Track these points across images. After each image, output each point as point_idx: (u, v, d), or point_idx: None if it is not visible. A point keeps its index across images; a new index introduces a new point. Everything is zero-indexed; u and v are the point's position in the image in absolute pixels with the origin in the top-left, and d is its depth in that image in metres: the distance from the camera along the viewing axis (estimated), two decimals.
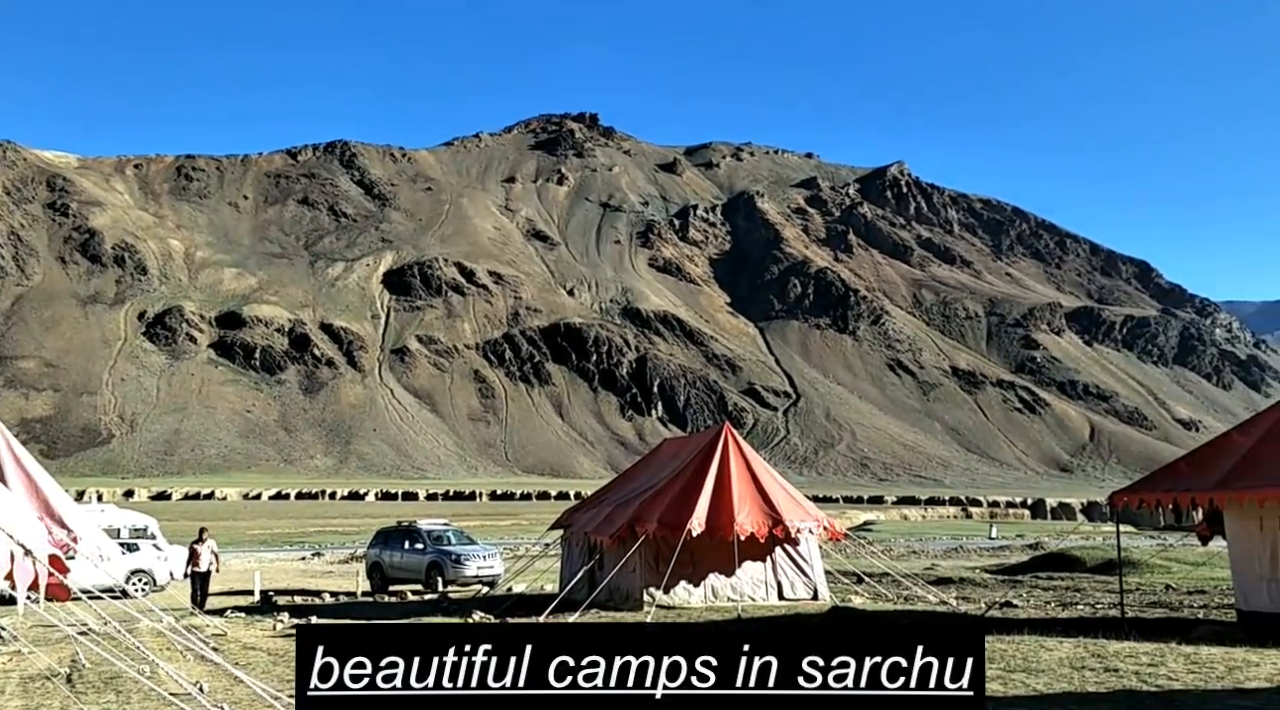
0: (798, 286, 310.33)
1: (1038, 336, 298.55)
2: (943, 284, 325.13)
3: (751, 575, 22.36)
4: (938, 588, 25.68)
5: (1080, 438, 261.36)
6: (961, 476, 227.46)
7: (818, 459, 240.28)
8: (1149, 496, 17.92)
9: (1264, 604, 16.88)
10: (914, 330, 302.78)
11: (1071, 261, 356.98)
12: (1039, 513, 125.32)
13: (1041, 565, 33.21)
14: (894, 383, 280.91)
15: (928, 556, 41.68)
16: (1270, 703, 10.19)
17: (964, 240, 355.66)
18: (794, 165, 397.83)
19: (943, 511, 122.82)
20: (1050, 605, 21.58)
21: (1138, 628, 16.46)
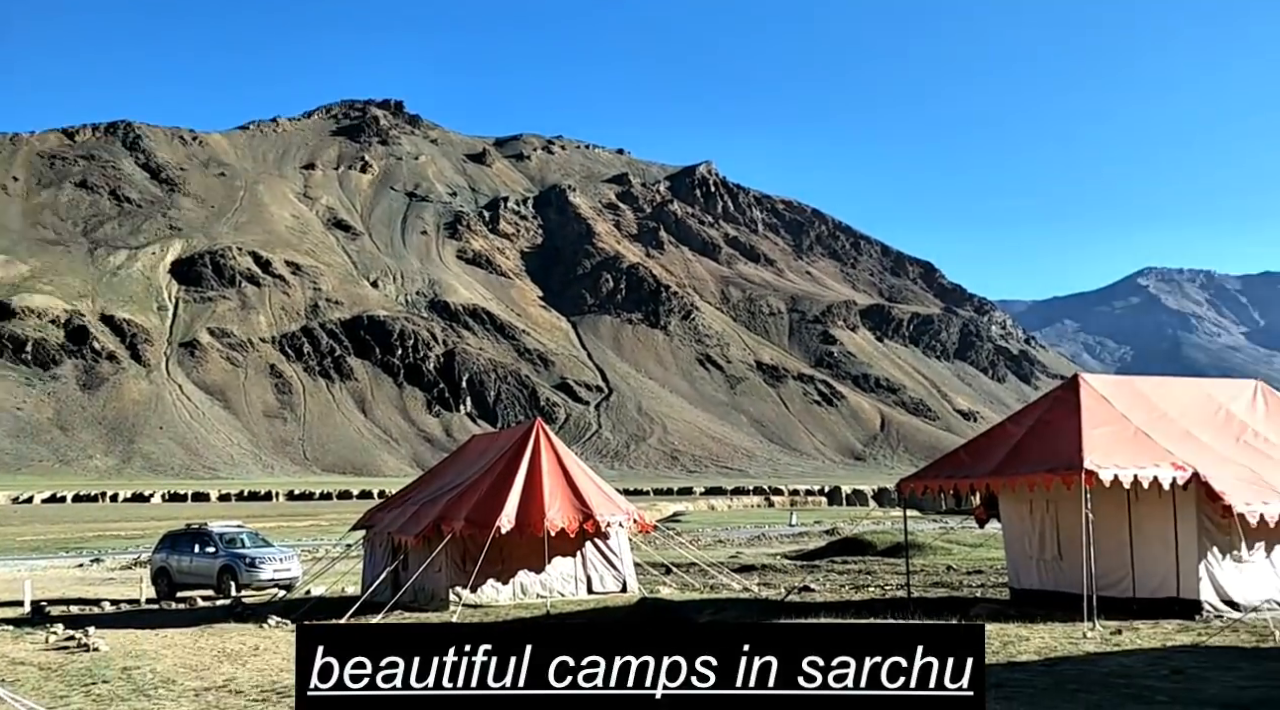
0: (610, 281, 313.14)
1: (835, 332, 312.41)
2: (749, 281, 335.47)
3: (561, 571, 22.38)
4: (742, 575, 26.43)
5: (872, 428, 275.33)
6: (765, 467, 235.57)
7: (629, 452, 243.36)
8: (932, 483, 19.03)
9: (1034, 582, 18.24)
10: (722, 326, 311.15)
11: (865, 262, 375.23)
12: (835, 500, 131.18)
13: (837, 550, 34.70)
14: (703, 377, 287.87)
15: (733, 545, 42.92)
16: (1038, 674, 10.99)
17: (768, 239, 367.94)
18: (605, 161, 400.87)
19: (748, 501, 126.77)
20: (845, 588, 22.59)
21: (922, 607, 17.46)
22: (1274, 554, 15.92)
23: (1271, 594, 15.71)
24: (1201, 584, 15.44)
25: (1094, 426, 16.36)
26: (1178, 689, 9.96)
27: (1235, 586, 15.60)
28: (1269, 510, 15.03)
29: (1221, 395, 18.71)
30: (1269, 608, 15.50)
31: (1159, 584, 15.96)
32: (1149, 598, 15.94)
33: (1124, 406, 17.39)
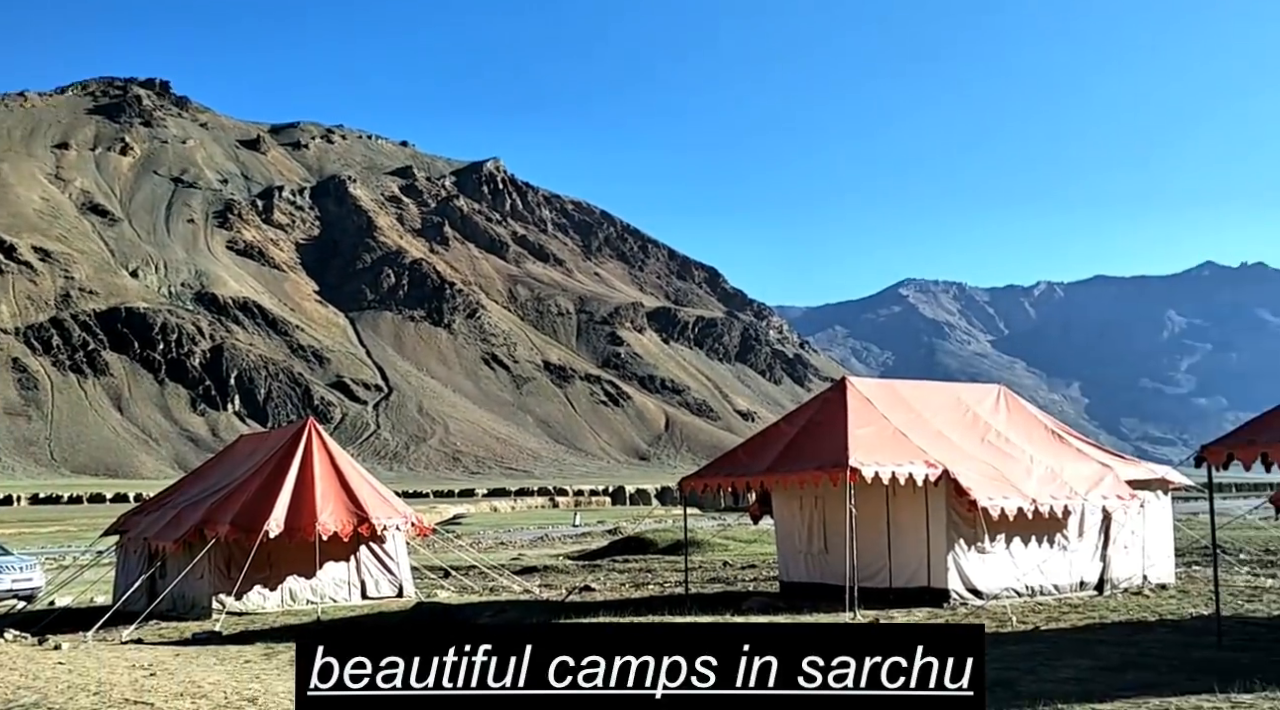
0: (392, 277, 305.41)
1: (622, 334, 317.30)
2: (537, 281, 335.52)
3: (334, 576, 21.65)
4: (523, 577, 26.30)
5: (657, 428, 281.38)
6: (550, 467, 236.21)
7: (409, 454, 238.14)
8: (711, 481, 19.60)
9: (802, 575, 19.08)
10: (509, 325, 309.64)
11: (652, 265, 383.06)
12: (619, 499, 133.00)
13: (619, 549, 35.07)
14: (488, 376, 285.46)
15: (515, 547, 42.67)
16: None
17: (557, 239, 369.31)
18: (389, 152, 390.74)
19: (532, 502, 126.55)
20: (625, 586, 22.87)
21: (699, 602, 17.90)
22: (1013, 545, 17.28)
23: (1009, 582, 17.07)
24: (949, 574, 16.58)
25: (859, 426, 17.29)
26: None
27: (978, 576, 16.85)
28: (1009, 504, 16.31)
29: (969, 398, 20.18)
30: (1007, 595, 16.86)
31: (913, 574, 17.03)
32: (904, 587, 16.97)
33: (885, 408, 18.46)
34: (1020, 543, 17.34)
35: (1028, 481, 17.20)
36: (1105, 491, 17.90)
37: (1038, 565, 17.45)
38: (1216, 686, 9.18)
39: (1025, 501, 16.53)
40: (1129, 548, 18.87)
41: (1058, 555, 17.78)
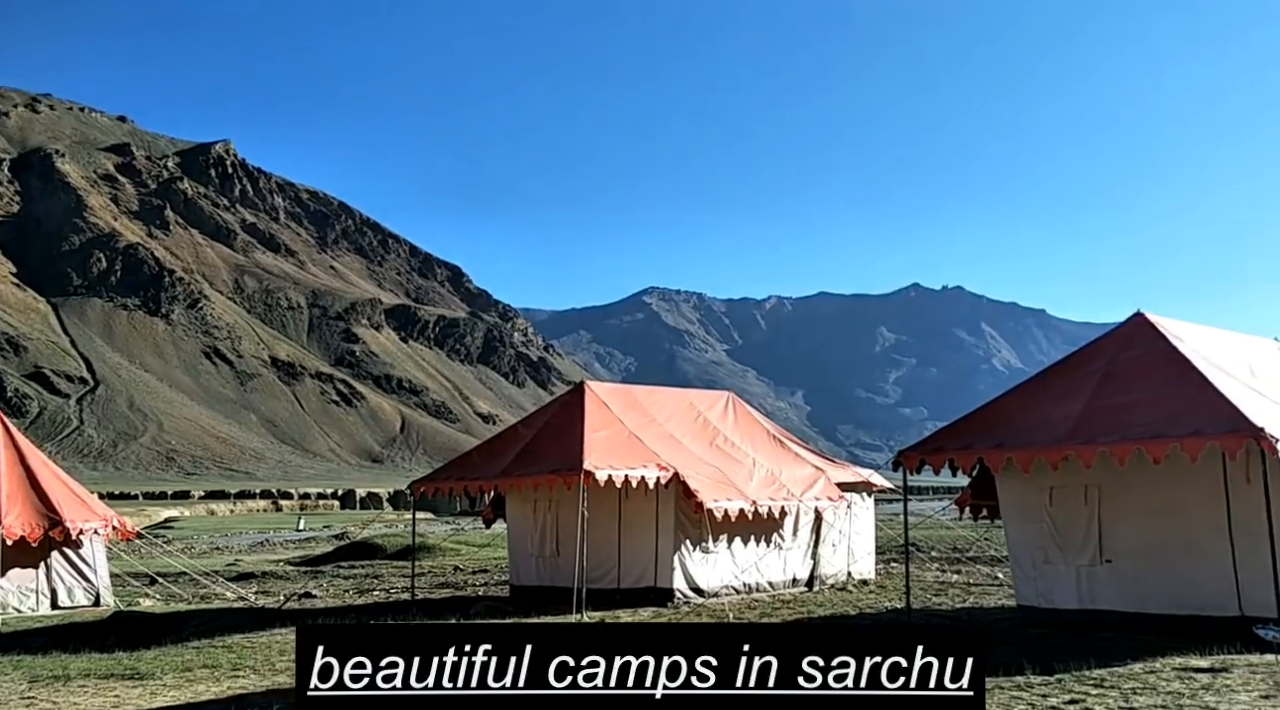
0: (103, 261, 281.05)
1: (358, 331, 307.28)
2: (267, 272, 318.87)
3: (20, 583, 19.81)
4: (239, 583, 24.90)
5: (392, 430, 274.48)
6: (275, 469, 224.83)
7: (117, 452, 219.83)
8: (444, 484, 19.30)
9: (533, 578, 19.14)
10: (234, 317, 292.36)
11: (393, 260, 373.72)
12: (349, 503, 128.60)
13: (346, 554, 33.95)
14: (209, 371, 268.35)
15: (232, 552, 40.27)
16: None
17: (290, 229, 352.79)
18: (104, 127, 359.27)
19: (253, 505, 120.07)
20: (349, 593, 22.12)
21: (426, 608, 17.59)
22: (734, 545, 18.13)
23: (729, 580, 17.89)
24: (674, 573, 17.17)
25: (594, 430, 17.60)
26: None
27: (701, 575, 17.54)
28: (731, 506, 17.09)
29: (701, 404, 21.03)
30: (726, 593, 17.66)
31: (640, 575, 17.50)
32: (632, 588, 17.42)
33: (621, 412, 18.90)
34: (740, 542, 18.23)
35: (750, 484, 18.10)
36: (818, 493, 19.14)
37: (755, 563, 18.40)
38: None
39: (747, 503, 17.37)
40: (836, 546, 20.28)
41: (774, 554, 18.84)
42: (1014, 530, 14.60)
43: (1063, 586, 13.80)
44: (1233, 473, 12.30)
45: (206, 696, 10.11)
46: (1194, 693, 9.01)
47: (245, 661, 11.93)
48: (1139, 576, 13.13)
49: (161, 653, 12.85)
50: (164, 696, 10.15)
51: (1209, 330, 14.83)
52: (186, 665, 11.78)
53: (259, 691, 10.30)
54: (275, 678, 10.98)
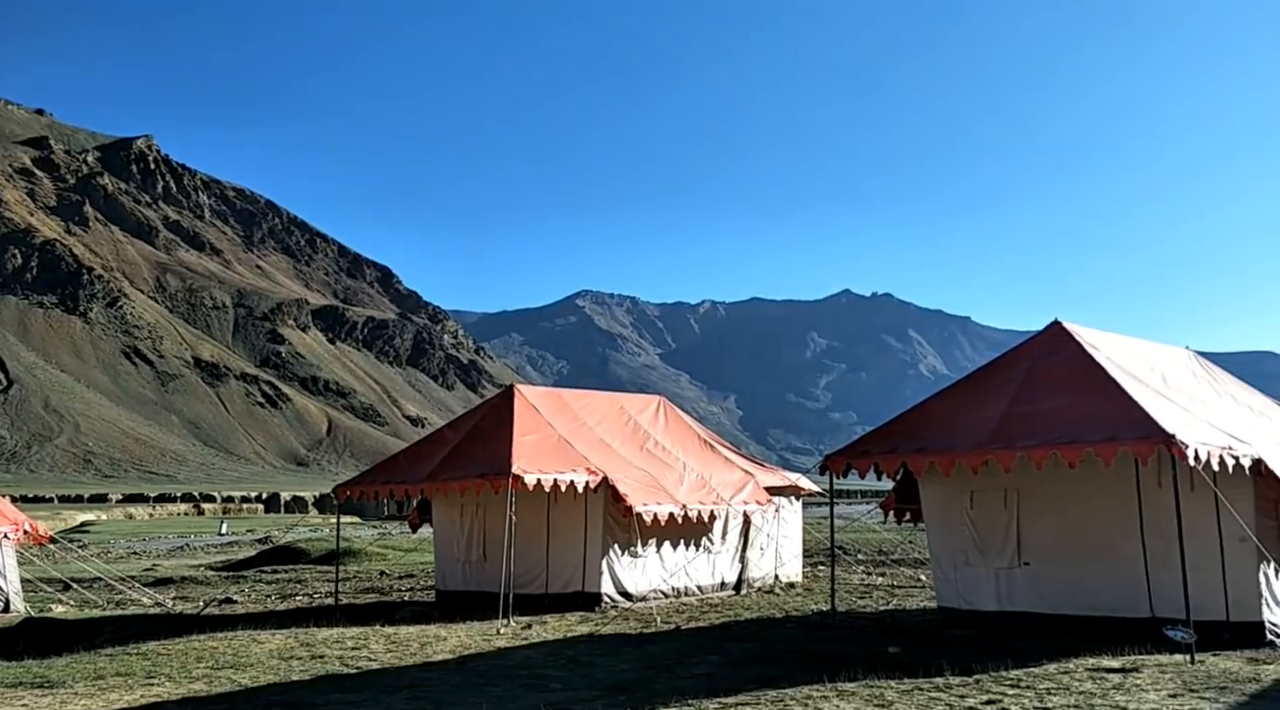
0: (18, 257, 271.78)
1: (284, 331, 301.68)
2: (190, 270, 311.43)
3: None
4: (157, 589, 24.26)
5: (318, 432, 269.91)
6: (197, 472, 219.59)
7: (31, 454, 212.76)
8: (369, 488, 19.02)
9: (459, 583, 18.96)
10: (155, 317, 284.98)
11: (320, 260, 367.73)
12: (274, 507, 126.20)
13: (269, 559, 33.37)
14: (129, 372, 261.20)
15: (150, 557, 39.23)
16: (451, 671, 11.36)
17: (215, 227, 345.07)
18: (21, 120, 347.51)
19: (174, 508, 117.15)
20: (271, 598, 21.70)
21: (350, 613, 17.31)
22: (663, 549, 18.16)
23: (658, 584, 17.92)
24: (602, 578, 17.14)
25: (524, 434, 17.49)
26: (570, 675, 10.87)
27: (629, 579, 17.54)
28: (661, 510, 17.11)
29: (631, 408, 21.03)
30: (654, 597, 17.69)
31: (569, 579, 17.44)
32: (559, 593, 17.34)
33: (550, 416, 18.81)
34: (669, 546, 18.28)
35: (680, 488, 18.15)
36: (747, 497, 19.27)
37: (684, 567, 18.45)
38: (826, 677, 10.08)
39: (676, 507, 17.42)
40: (765, 550, 20.45)
41: (703, 557, 18.92)
42: (935, 533, 14.86)
43: (982, 588, 14.08)
44: (1145, 478, 12.67)
45: (119, 705, 9.83)
46: (1105, 692, 9.25)
47: (160, 669, 11.62)
48: (1055, 578, 13.45)
49: (73, 660, 12.46)
50: (75, 705, 9.85)
51: (1123, 339, 15.25)
52: (99, 673, 11.44)
53: (173, 700, 10.05)
54: (191, 685, 10.73)
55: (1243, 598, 12.08)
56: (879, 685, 9.72)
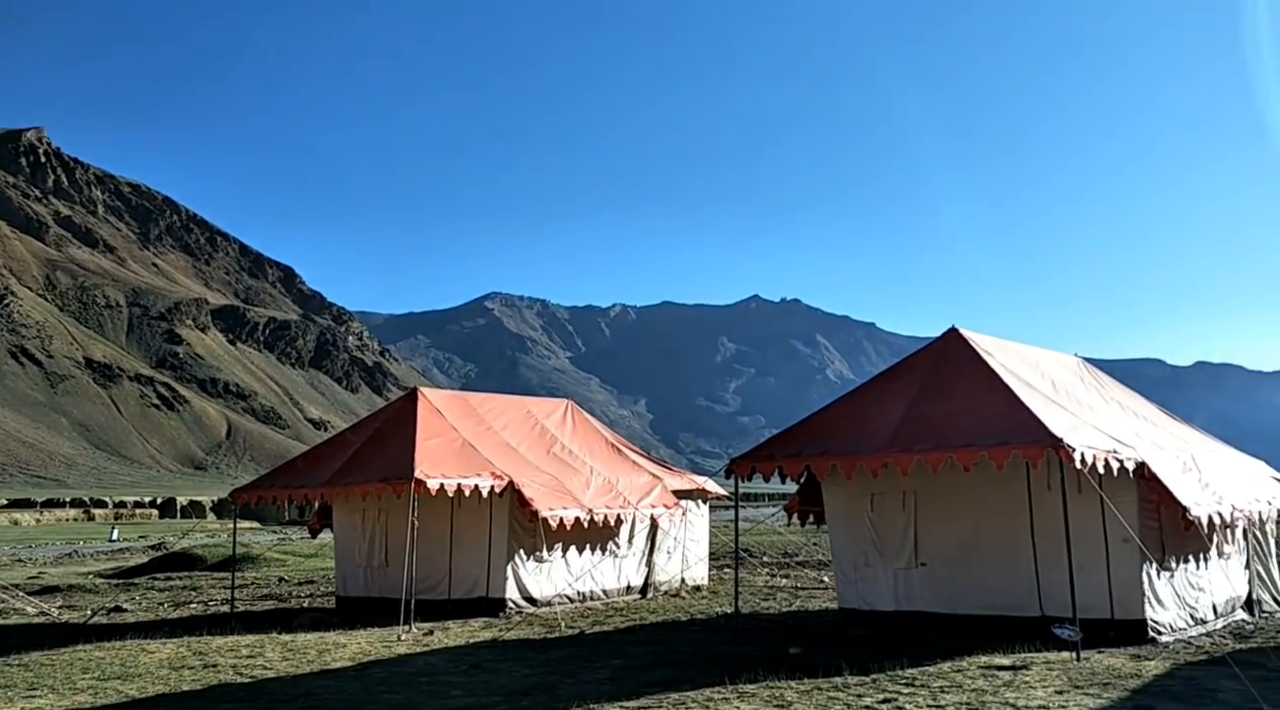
0: None
1: (182, 332, 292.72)
2: (82, 268, 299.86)
3: None
4: (42, 597, 23.26)
5: (218, 435, 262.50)
6: (88, 476, 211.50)
7: None
8: (267, 493, 18.55)
9: (360, 589, 18.62)
10: (44, 315, 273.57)
11: (221, 259, 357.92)
12: (169, 512, 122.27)
13: (162, 566, 32.36)
14: (16, 372, 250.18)
15: (36, 564, 37.58)
16: (349, 679, 11.13)
17: (109, 224, 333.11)
18: None
19: (62, 514, 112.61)
20: (163, 606, 21.02)
21: (246, 621, 16.86)
22: (569, 554, 18.11)
23: (563, 589, 17.86)
24: (507, 583, 17.01)
25: (427, 438, 17.27)
26: (472, 682, 10.76)
27: (534, 584, 17.45)
28: (567, 515, 17.06)
29: (539, 412, 20.94)
30: (560, 601, 17.63)
31: (473, 585, 17.27)
32: (463, 598, 17.16)
33: (455, 419, 18.62)
34: (576, 551, 18.23)
35: (587, 492, 18.13)
36: (654, 501, 19.35)
37: (590, 571, 18.43)
38: (728, 679, 10.17)
39: (583, 511, 17.39)
40: (671, 553, 20.55)
41: (609, 561, 18.93)
42: (837, 535, 15.11)
43: (881, 589, 14.37)
44: (1035, 480, 13.08)
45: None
46: (996, 690, 9.51)
47: (43, 681, 11.16)
48: (951, 579, 13.79)
49: None
50: None
51: (1016, 346, 15.73)
52: None
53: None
54: (76, 697, 10.32)
55: (1127, 597, 12.53)
56: (779, 686, 9.83)
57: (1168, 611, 12.82)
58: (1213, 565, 14.05)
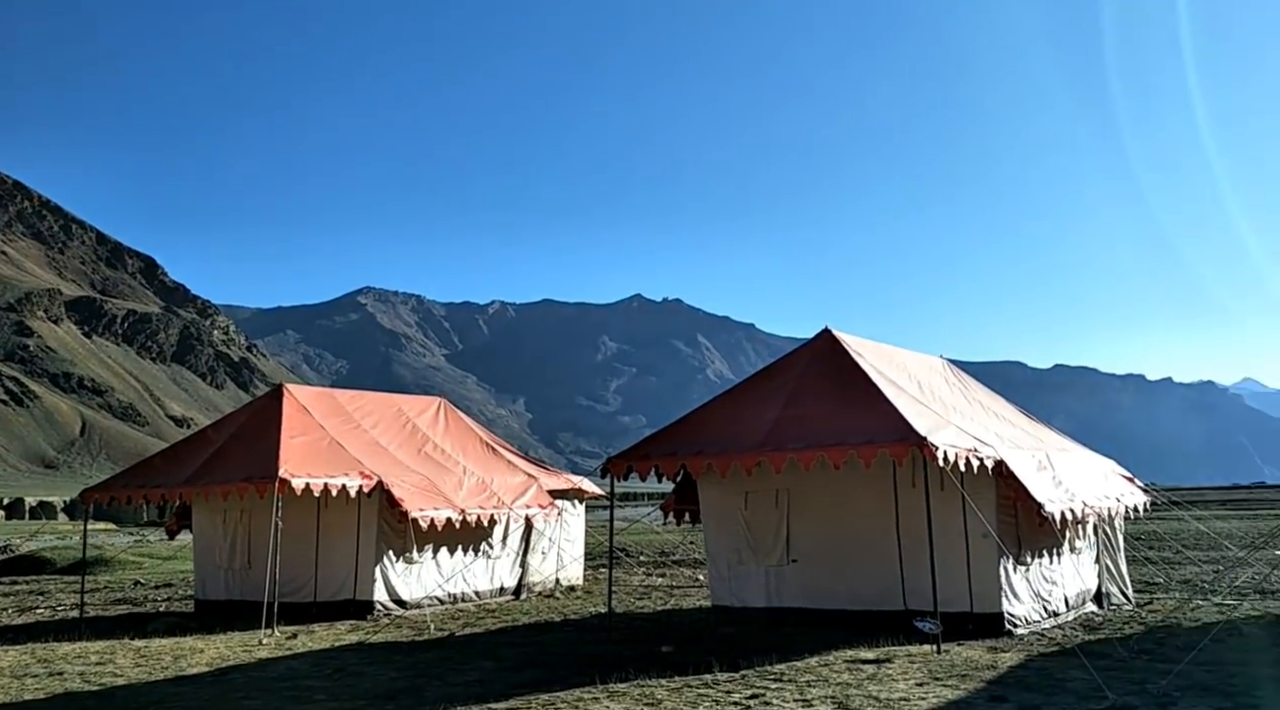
0: None
1: (33, 324, 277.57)
2: None
3: None
4: None
5: (71, 433, 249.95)
6: None
7: None
8: (121, 492, 17.69)
9: (220, 592, 17.93)
10: None
11: (76, 248, 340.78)
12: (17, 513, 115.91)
13: (7, 569, 30.75)
14: None
15: None
16: (206, 685, 10.66)
17: None
18: None
19: None
20: (7, 612, 19.86)
21: (98, 627, 16.06)
22: (440, 555, 17.79)
23: (434, 591, 17.52)
24: (375, 585, 16.61)
25: (292, 436, 16.73)
26: (336, 686, 10.43)
27: (403, 585, 17.08)
28: (438, 515, 16.74)
29: (410, 410, 20.51)
30: (430, 603, 17.30)
31: (339, 587, 16.80)
32: (329, 601, 16.68)
33: (322, 417, 18.09)
34: (447, 552, 17.93)
35: (459, 492, 17.82)
36: (529, 501, 19.16)
37: (462, 573, 18.14)
38: (599, 678, 10.11)
39: (455, 512, 17.09)
40: (546, 554, 20.40)
41: (482, 562, 18.68)
42: (712, 533, 15.24)
43: (753, 586, 14.55)
44: (901, 478, 13.44)
45: None
46: (860, 683, 9.71)
47: None
48: (820, 575, 14.06)
49: None
50: None
51: (886, 347, 16.14)
52: None
53: None
54: None
55: (985, 590, 12.98)
56: (650, 684, 9.83)
57: (1023, 605, 13.32)
58: (1065, 560, 14.68)
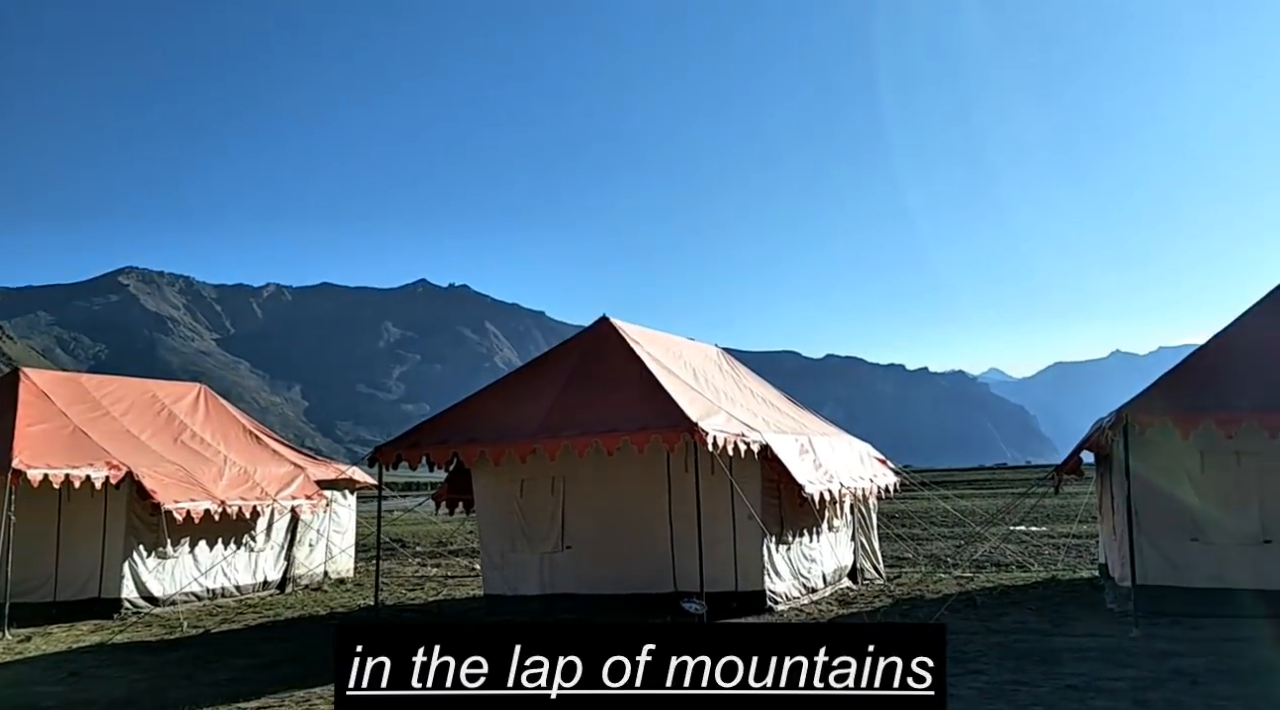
0: None
1: None
2: None
3: None
4: None
5: None
6: None
7: None
8: None
9: None
10: None
11: None
12: None
13: None
14: None
15: None
16: None
17: None
18: None
19: None
20: None
21: None
22: (198, 549, 16.80)
23: (190, 586, 16.54)
24: (124, 582, 15.54)
25: (30, 423, 15.51)
26: (69, 691, 9.68)
27: (156, 582, 16.04)
28: (195, 507, 15.83)
29: (166, 397, 19.29)
30: (185, 600, 16.31)
31: (83, 585, 15.64)
32: (72, 600, 15.51)
33: (65, 404, 16.80)
34: (206, 545, 16.97)
35: (219, 483, 16.90)
36: (295, 492, 18.38)
37: (221, 567, 17.22)
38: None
39: (214, 503, 16.21)
40: (314, 546, 19.65)
41: (244, 556, 17.79)
42: (486, 522, 15.09)
43: (527, 574, 14.52)
44: (674, 464, 13.71)
45: None
46: None
47: None
48: (594, 561, 14.18)
49: None
50: None
51: (663, 336, 16.45)
52: None
53: None
54: None
55: (749, 570, 13.46)
56: None
57: (784, 582, 13.91)
58: (823, 538, 15.44)
